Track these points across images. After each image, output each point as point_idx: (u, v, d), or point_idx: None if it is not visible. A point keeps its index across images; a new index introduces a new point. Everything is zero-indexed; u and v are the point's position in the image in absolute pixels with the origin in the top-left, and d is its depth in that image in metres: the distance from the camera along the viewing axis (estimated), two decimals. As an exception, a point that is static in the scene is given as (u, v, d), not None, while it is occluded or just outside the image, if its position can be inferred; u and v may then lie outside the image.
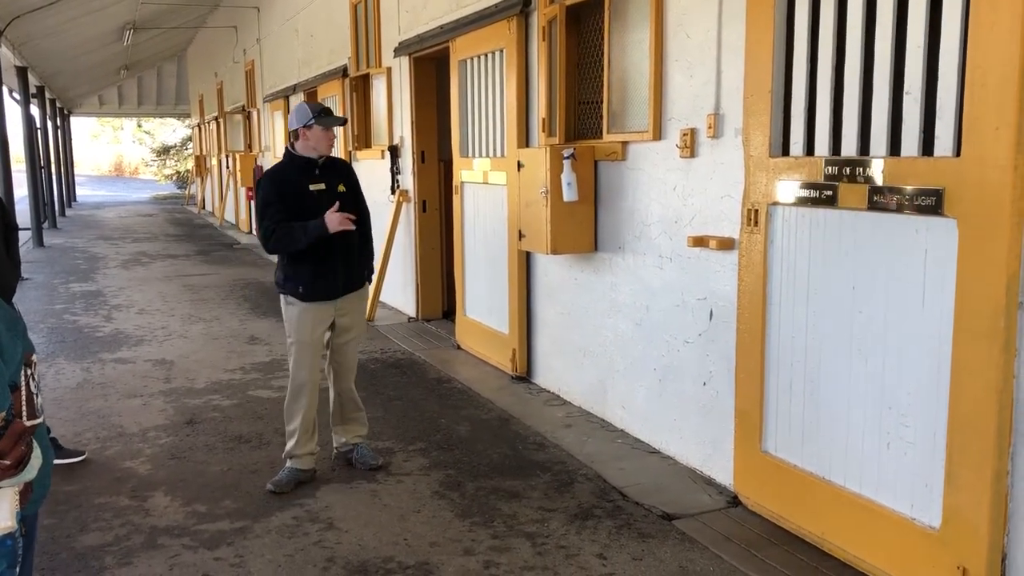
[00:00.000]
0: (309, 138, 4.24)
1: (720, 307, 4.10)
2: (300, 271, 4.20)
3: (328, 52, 10.56)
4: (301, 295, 4.21)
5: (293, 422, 4.31)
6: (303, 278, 4.20)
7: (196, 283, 10.94)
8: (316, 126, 4.20)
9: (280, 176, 4.28)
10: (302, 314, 4.23)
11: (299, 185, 4.22)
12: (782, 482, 3.69)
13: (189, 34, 20.90)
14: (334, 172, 4.37)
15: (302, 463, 4.31)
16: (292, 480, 4.24)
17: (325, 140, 4.26)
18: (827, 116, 3.43)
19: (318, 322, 4.27)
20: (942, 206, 2.89)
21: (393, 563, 3.47)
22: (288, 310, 4.28)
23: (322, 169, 4.30)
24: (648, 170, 4.59)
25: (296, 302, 4.23)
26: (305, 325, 4.24)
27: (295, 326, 4.25)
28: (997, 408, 2.75)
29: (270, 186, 4.21)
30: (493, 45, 6.16)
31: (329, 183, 4.29)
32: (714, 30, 4.03)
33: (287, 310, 4.28)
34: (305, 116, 4.22)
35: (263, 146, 15.21)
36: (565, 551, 3.55)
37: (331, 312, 4.30)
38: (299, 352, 4.26)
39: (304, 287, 4.20)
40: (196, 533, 3.76)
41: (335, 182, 4.32)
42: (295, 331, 4.25)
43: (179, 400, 5.73)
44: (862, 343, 3.28)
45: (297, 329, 4.25)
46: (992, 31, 2.69)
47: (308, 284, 4.20)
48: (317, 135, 4.23)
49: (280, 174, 4.30)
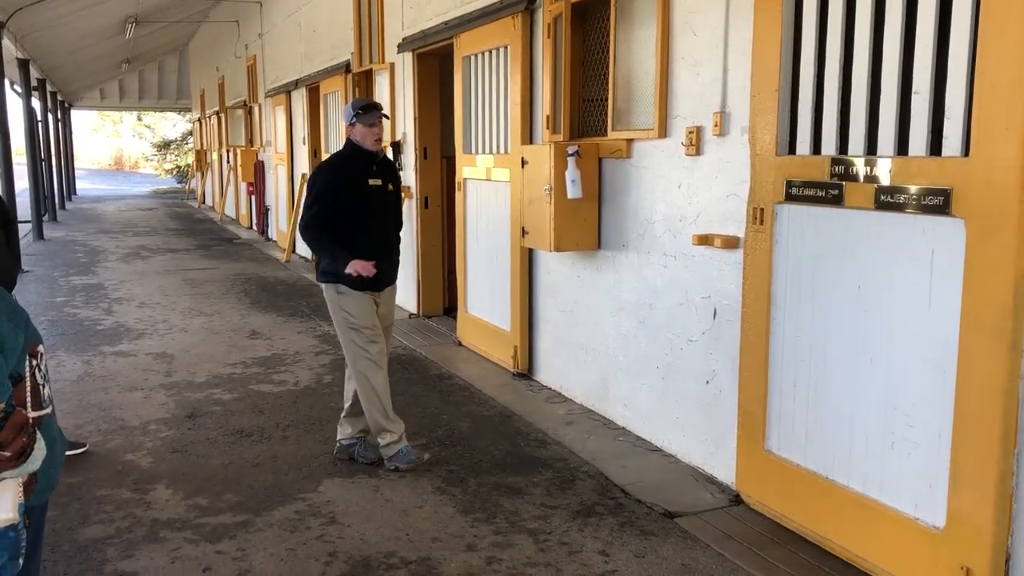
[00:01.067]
0: (356, 136, 4.32)
1: (724, 306, 4.10)
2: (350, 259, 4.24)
3: (330, 47, 10.54)
4: (355, 283, 4.26)
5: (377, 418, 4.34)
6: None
7: (196, 277, 10.93)
8: (358, 124, 4.29)
9: (342, 166, 4.36)
10: (361, 298, 4.29)
11: (359, 177, 4.30)
12: (785, 481, 3.69)
13: (191, 28, 20.88)
14: (387, 170, 4.48)
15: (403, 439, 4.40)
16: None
17: (370, 136, 4.32)
18: (834, 115, 3.42)
19: (371, 307, 4.34)
20: (950, 206, 2.88)
21: (395, 558, 3.47)
22: (343, 300, 4.31)
23: (379, 165, 4.39)
24: (653, 168, 4.58)
25: (348, 290, 4.28)
26: (364, 309, 4.30)
27: (355, 311, 4.30)
28: (1003, 409, 2.75)
29: (330, 176, 4.30)
30: (498, 41, 6.16)
31: (384, 180, 4.39)
32: (721, 28, 4.02)
33: (342, 300, 4.31)
34: (348, 115, 4.34)
35: (264, 141, 15.19)
36: (567, 548, 3.55)
37: (374, 303, 4.36)
38: (368, 332, 4.31)
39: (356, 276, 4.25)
40: (198, 526, 3.76)
41: (388, 181, 4.41)
42: (357, 316, 4.30)
43: (180, 394, 5.72)
44: (867, 343, 3.27)
45: (360, 313, 4.29)
46: (1002, 32, 2.69)
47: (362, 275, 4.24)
48: (362, 132, 4.32)
49: (342, 164, 4.37)
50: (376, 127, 4.33)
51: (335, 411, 5.31)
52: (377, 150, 4.38)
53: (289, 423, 5.12)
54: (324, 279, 4.36)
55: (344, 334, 4.38)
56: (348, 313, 4.32)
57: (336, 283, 4.30)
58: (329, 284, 4.34)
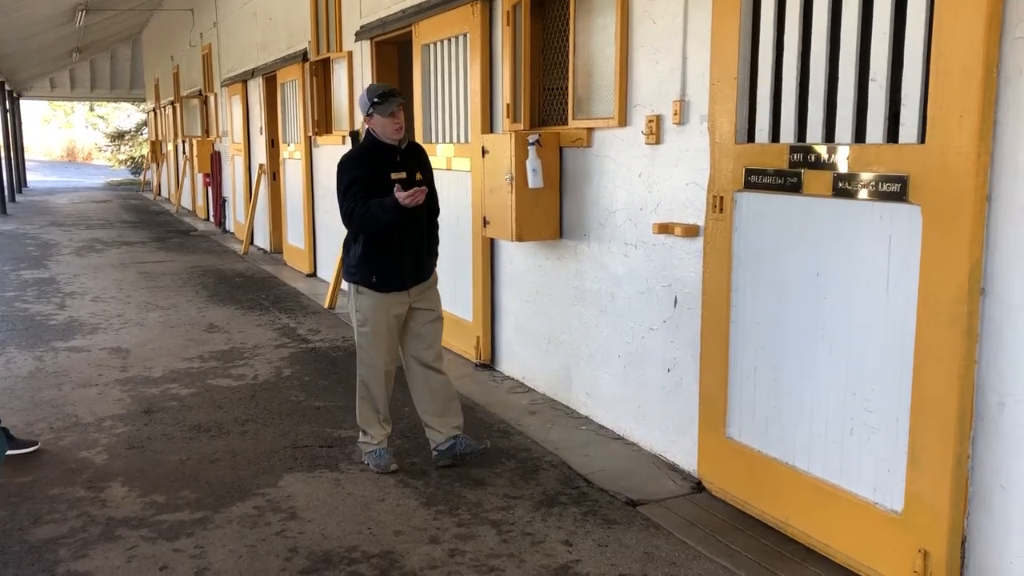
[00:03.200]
0: (375, 127, 4.08)
1: (685, 294, 4.11)
2: (374, 260, 4.07)
3: (287, 36, 10.40)
4: (375, 284, 4.09)
5: (366, 415, 4.26)
6: (377, 267, 4.07)
7: (152, 270, 10.74)
8: (376, 115, 4.03)
9: (359, 160, 4.09)
10: (378, 303, 4.11)
11: (379, 172, 4.05)
12: (746, 467, 3.71)
13: (144, 16, 20.47)
14: (415, 158, 4.22)
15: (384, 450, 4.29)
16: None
17: (390, 126, 4.05)
18: (793, 103, 3.43)
19: (392, 312, 4.14)
20: (907, 193, 2.91)
21: (357, 552, 3.43)
22: (359, 299, 4.15)
23: (403, 155, 4.14)
24: (613, 157, 4.57)
25: (369, 291, 4.11)
26: (380, 314, 4.12)
27: (369, 314, 4.13)
28: (959, 393, 2.78)
29: (351, 172, 4.04)
30: (457, 30, 6.10)
31: (410, 171, 4.12)
32: (680, 16, 4.01)
33: (358, 299, 4.15)
34: (363, 105, 4.07)
35: (221, 131, 14.97)
36: (531, 538, 3.53)
37: (405, 303, 4.18)
38: (374, 339, 4.15)
39: (378, 276, 4.08)
40: (155, 524, 3.68)
41: (415, 170, 4.15)
42: (370, 319, 4.13)
43: (136, 389, 5.61)
44: (826, 329, 3.30)
45: (372, 319, 4.13)
46: (956, 20, 2.71)
47: (382, 273, 4.08)
48: (381, 123, 4.06)
49: (359, 159, 4.11)
50: (396, 116, 4.03)
51: (295, 405, 5.26)
52: (398, 140, 4.13)
53: (248, 417, 5.04)
54: (348, 278, 4.18)
55: (356, 334, 4.23)
56: (359, 313, 4.15)
57: (356, 283, 4.13)
58: (351, 283, 4.17)
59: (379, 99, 4.00)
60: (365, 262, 4.09)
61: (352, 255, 4.15)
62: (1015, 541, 2.72)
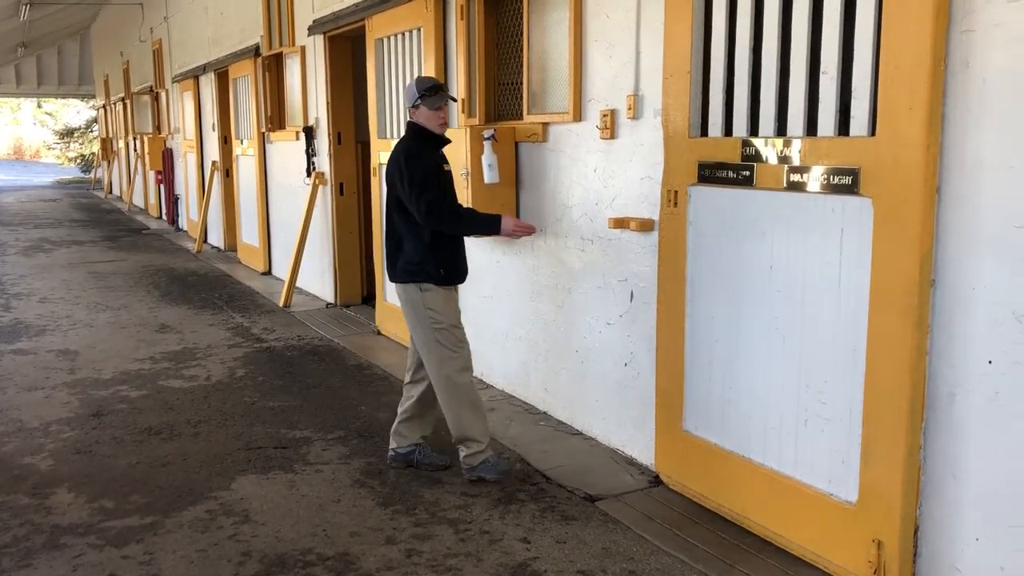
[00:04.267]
0: (419, 118, 4.01)
1: (641, 288, 4.10)
2: (442, 255, 3.97)
3: (239, 31, 10.23)
4: (443, 278, 3.98)
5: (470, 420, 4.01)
6: (446, 261, 3.99)
7: (103, 270, 10.51)
8: (423, 107, 3.97)
9: (423, 151, 3.99)
10: (447, 297, 4.02)
11: (435, 162, 3.99)
12: (703, 461, 3.71)
13: (92, 11, 20.02)
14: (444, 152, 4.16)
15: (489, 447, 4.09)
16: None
17: (435, 120, 4.00)
18: (745, 97, 3.44)
19: (454, 304, 4.07)
20: (858, 185, 2.92)
21: (312, 555, 3.37)
22: (428, 297, 3.98)
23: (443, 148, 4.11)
24: (569, 152, 4.55)
25: (435, 287, 3.97)
26: (452, 306, 4.03)
27: (441, 309, 3.99)
28: (910, 384, 2.81)
29: (420, 159, 3.93)
30: (411, 24, 6.04)
31: (448, 163, 4.10)
32: (633, 10, 4.00)
33: (426, 298, 3.97)
34: (411, 96, 4.00)
35: (172, 128, 14.71)
36: (489, 536, 3.50)
37: (456, 297, 4.12)
38: (454, 332, 4.02)
39: (444, 269, 3.98)
40: (102, 531, 3.59)
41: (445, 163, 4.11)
42: (444, 314, 3.99)
43: (84, 392, 5.48)
44: (780, 322, 3.31)
45: (446, 312, 4.00)
46: (905, 11, 2.72)
47: (451, 266, 4.01)
48: (426, 115, 3.99)
49: (423, 149, 4.00)
50: (442, 111, 4.00)
51: (249, 406, 5.17)
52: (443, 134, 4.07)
53: (200, 419, 4.94)
54: (405, 279, 4.00)
55: (427, 335, 3.99)
56: (434, 311, 3.97)
57: (419, 282, 3.97)
58: (410, 284, 3.99)
59: (428, 92, 3.97)
60: (430, 257, 3.96)
61: (412, 252, 3.98)
62: (966, 529, 2.75)
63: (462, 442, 4.04)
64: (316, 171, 8.20)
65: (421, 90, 3.98)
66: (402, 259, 4.01)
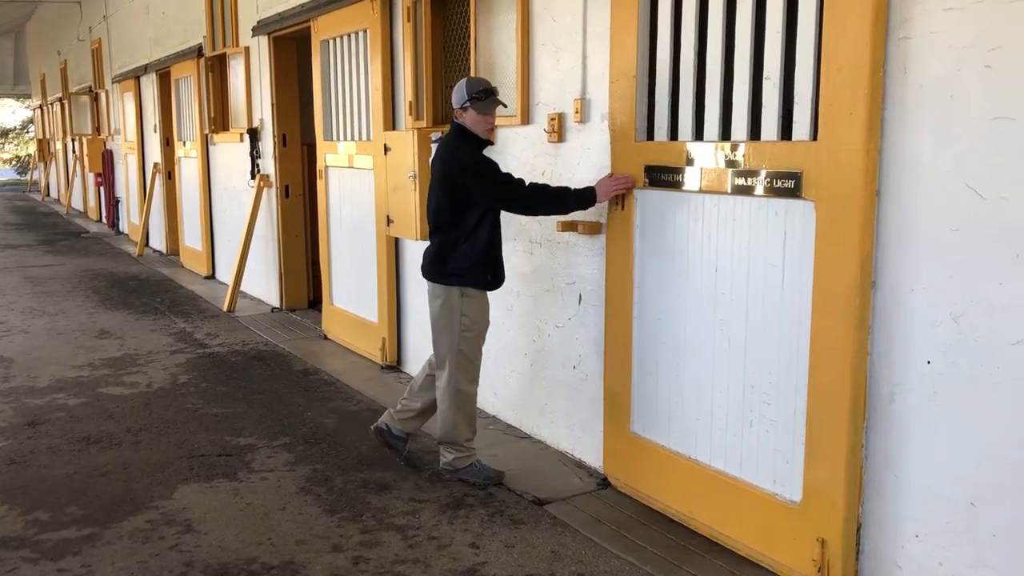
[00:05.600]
0: (466, 120, 3.89)
1: (589, 291, 4.11)
2: (489, 258, 3.91)
3: (182, 30, 10.05)
4: (489, 283, 3.95)
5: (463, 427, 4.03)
6: (491, 265, 3.94)
7: (39, 275, 10.22)
8: (471, 109, 3.85)
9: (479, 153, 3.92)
10: (484, 304, 4.00)
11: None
12: (650, 462, 3.73)
13: (27, 9, 19.50)
14: None
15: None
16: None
17: (483, 125, 3.90)
18: (690, 101, 3.47)
19: (489, 312, 4.08)
20: (800, 189, 2.96)
21: (256, 564, 3.30)
22: (466, 303, 3.93)
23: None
24: (517, 155, 4.55)
25: (477, 293, 3.94)
26: (486, 315, 4.03)
27: (478, 317, 3.97)
28: (852, 384, 2.85)
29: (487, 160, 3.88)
30: (356, 25, 5.98)
31: None
32: (580, 14, 4.01)
33: (464, 303, 3.92)
34: (459, 98, 3.87)
35: (113, 129, 14.38)
36: (437, 542, 3.47)
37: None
38: (477, 343, 4.01)
39: (492, 274, 3.95)
40: (37, 544, 3.47)
41: None
42: (478, 323, 3.97)
43: (19, 400, 5.31)
44: (725, 324, 3.34)
45: (480, 321, 3.99)
46: (845, 18, 2.77)
47: (496, 271, 3.97)
48: (474, 119, 3.87)
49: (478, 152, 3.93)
50: (491, 116, 3.91)
51: (191, 413, 5.07)
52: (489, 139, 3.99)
53: (141, 427, 4.83)
54: (452, 281, 3.91)
55: (453, 342, 3.95)
56: (467, 318, 3.93)
57: (464, 286, 3.91)
58: (455, 287, 3.92)
59: (480, 95, 3.85)
60: (482, 261, 3.90)
61: (464, 255, 3.90)
62: (907, 526, 2.80)
63: (449, 445, 4.06)
64: (261, 173, 8.08)
65: (472, 93, 3.85)
66: (452, 262, 3.93)
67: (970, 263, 2.56)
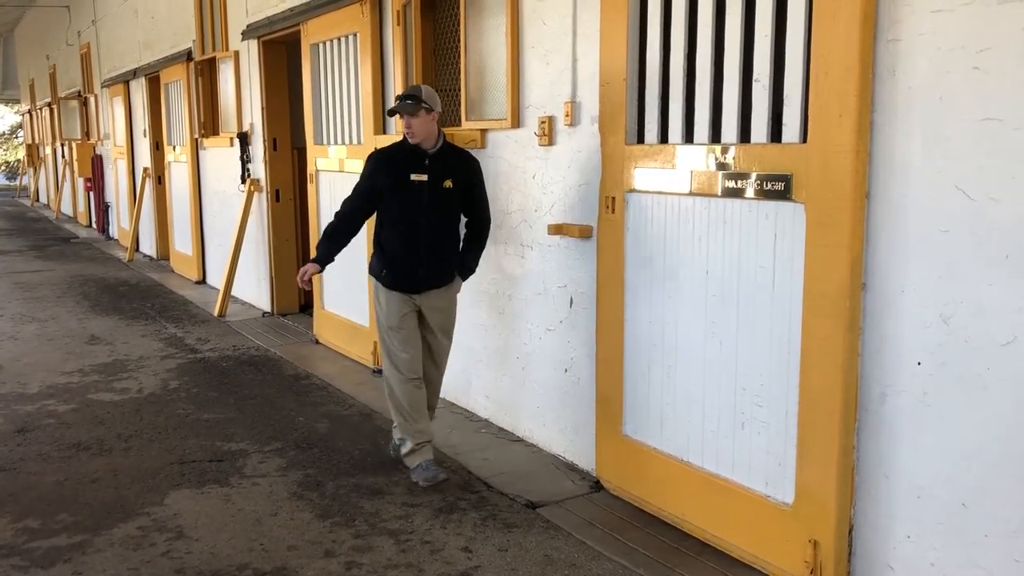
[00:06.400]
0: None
1: (580, 294, 4.11)
2: (384, 256, 4.10)
3: (171, 35, 10.02)
4: (384, 279, 4.10)
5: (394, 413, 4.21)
6: (385, 263, 4.10)
7: (29, 280, 10.17)
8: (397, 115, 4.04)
9: (386, 157, 4.12)
10: (389, 298, 4.11)
11: (401, 172, 4.02)
12: (642, 465, 3.73)
13: (15, 13, 19.45)
14: (445, 166, 4.04)
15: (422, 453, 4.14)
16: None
17: (406, 128, 4.02)
18: (680, 104, 3.47)
19: (403, 309, 4.10)
20: (790, 191, 2.97)
21: (248, 570, 3.29)
22: (376, 294, 4.18)
23: (432, 160, 4.03)
24: (508, 158, 4.55)
25: (380, 286, 4.13)
26: (392, 310, 4.10)
27: (383, 310, 4.13)
28: (843, 386, 2.86)
29: (370, 166, 4.11)
30: (346, 29, 5.98)
31: (434, 176, 4.00)
32: (569, 17, 4.02)
33: (375, 291, 4.19)
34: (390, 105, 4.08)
35: (102, 134, 14.33)
36: (430, 546, 3.47)
37: (414, 304, 4.12)
38: (388, 338, 4.14)
39: (387, 271, 4.09)
40: (27, 552, 3.45)
41: (442, 176, 4.01)
42: (383, 315, 4.14)
43: (8, 407, 5.28)
44: (716, 326, 3.35)
45: (386, 314, 4.12)
46: (834, 21, 2.78)
47: (390, 270, 4.09)
48: (401, 124, 4.06)
49: (386, 155, 4.13)
50: (403, 119, 3.99)
51: (182, 418, 5.05)
52: (416, 143, 4.00)
53: (132, 433, 4.80)
54: (370, 272, 4.21)
55: (379, 330, 4.19)
56: (379, 306, 4.16)
57: (373, 276, 4.19)
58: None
59: (398, 99, 4.04)
60: (378, 256, 4.14)
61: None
62: (898, 527, 2.80)
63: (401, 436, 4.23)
64: (251, 178, 8.06)
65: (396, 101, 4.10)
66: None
67: (960, 264, 2.56)
